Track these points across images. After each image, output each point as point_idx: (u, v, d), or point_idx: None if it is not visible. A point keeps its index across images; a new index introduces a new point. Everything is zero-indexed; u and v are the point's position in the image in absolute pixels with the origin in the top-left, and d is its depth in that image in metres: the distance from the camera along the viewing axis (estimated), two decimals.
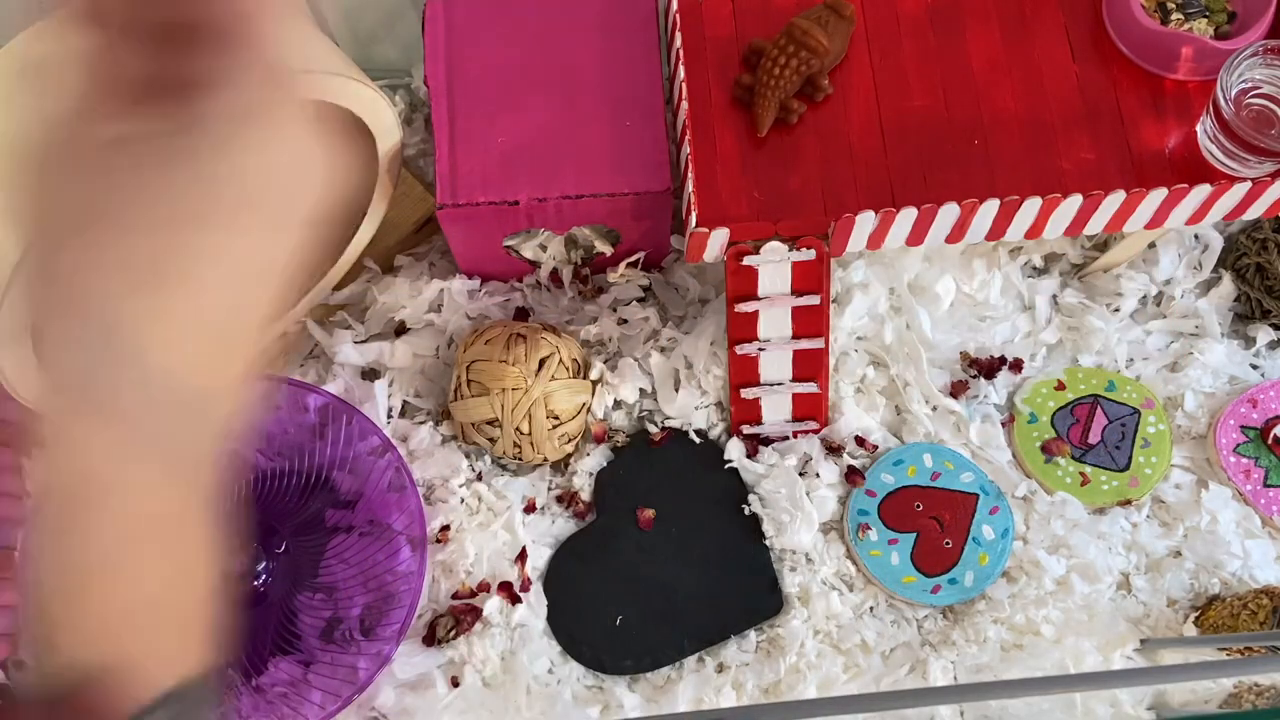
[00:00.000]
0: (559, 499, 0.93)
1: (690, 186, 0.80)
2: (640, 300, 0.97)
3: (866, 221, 0.79)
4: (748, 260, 0.81)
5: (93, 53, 0.31)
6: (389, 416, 0.93)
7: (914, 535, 0.90)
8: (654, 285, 0.97)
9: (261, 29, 0.32)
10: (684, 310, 0.97)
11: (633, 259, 0.94)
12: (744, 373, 0.90)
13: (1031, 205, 0.79)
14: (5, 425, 0.91)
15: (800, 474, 0.91)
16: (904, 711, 0.85)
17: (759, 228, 0.80)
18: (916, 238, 0.82)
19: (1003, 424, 0.94)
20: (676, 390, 0.94)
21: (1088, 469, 0.92)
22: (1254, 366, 0.97)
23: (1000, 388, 0.95)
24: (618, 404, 0.94)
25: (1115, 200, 0.79)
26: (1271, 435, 0.92)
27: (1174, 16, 0.82)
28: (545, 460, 0.92)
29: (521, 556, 0.89)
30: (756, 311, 0.86)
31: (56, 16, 0.32)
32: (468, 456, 0.93)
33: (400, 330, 0.96)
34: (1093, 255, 0.99)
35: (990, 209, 0.79)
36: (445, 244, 0.99)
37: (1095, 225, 0.82)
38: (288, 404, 0.87)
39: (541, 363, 0.89)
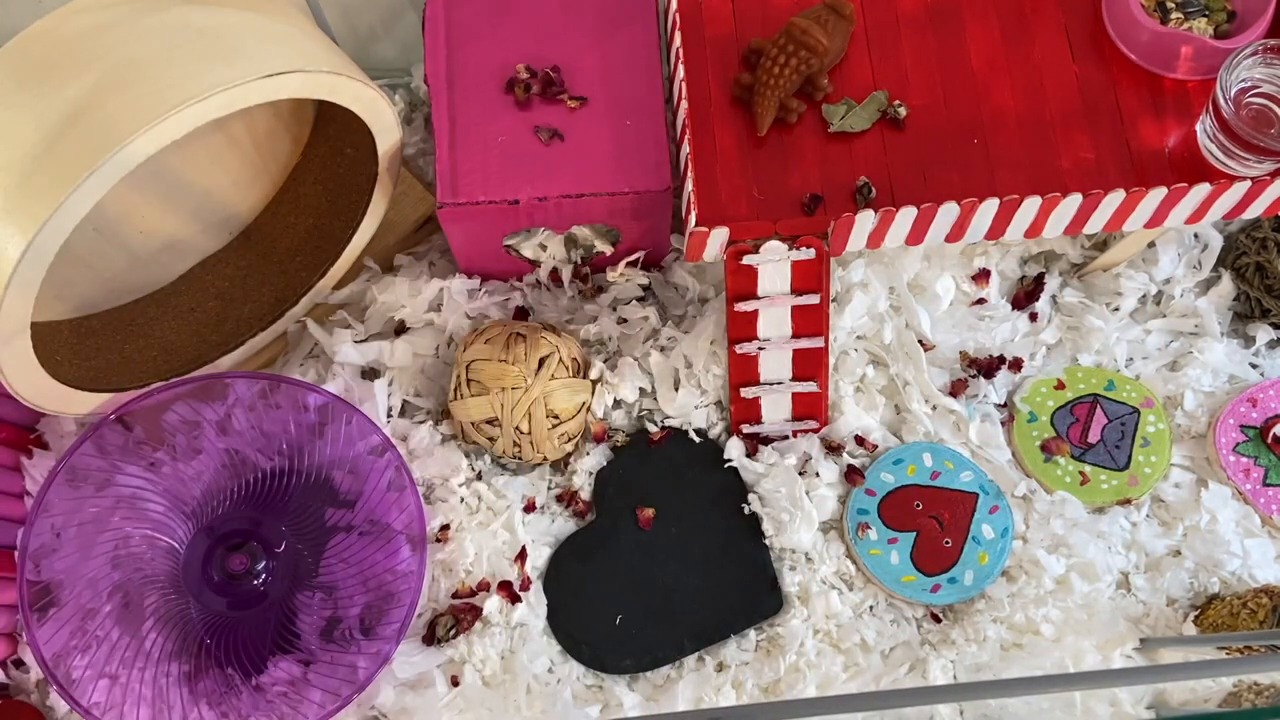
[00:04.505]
0: (559, 498, 0.93)
1: (690, 185, 0.80)
2: (640, 299, 0.97)
3: (866, 221, 0.79)
4: (747, 259, 0.81)
5: None
6: (389, 416, 0.93)
7: (914, 534, 0.90)
8: (654, 284, 0.97)
9: None
10: (683, 309, 0.97)
11: (632, 258, 0.94)
12: (743, 372, 0.90)
13: (1031, 204, 0.79)
14: (5, 425, 0.91)
15: (800, 473, 0.91)
16: (904, 710, 0.85)
17: (758, 227, 0.80)
18: (916, 237, 0.82)
19: (1002, 423, 0.95)
20: (676, 389, 0.94)
21: (1087, 468, 0.92)
22: (1253, 366, 0.97)
23: (1000, 387, 0.95)
24: (617, 403, 0.94)
25: (1115, 199, 0.79)
26: (1271, 434, 0.92)
27: (1174, 16, 0.82)
28: (545, 459, 0.92)
29: (521, 556, 0.89)
30: (756, 311, 0.86)
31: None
32: (467, 456, 0.93)
33: (400, 330, 0.96)
34: (1092, 254, 0.99)
35: (990, 208, 0.79)
36: (445, 243, 1.00)
37: (1095, 224, 0.82)
38: (288, 404, 0.87)
39: (541, 362, 0.89)
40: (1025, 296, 0.98)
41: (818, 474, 0.91)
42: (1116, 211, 0.81)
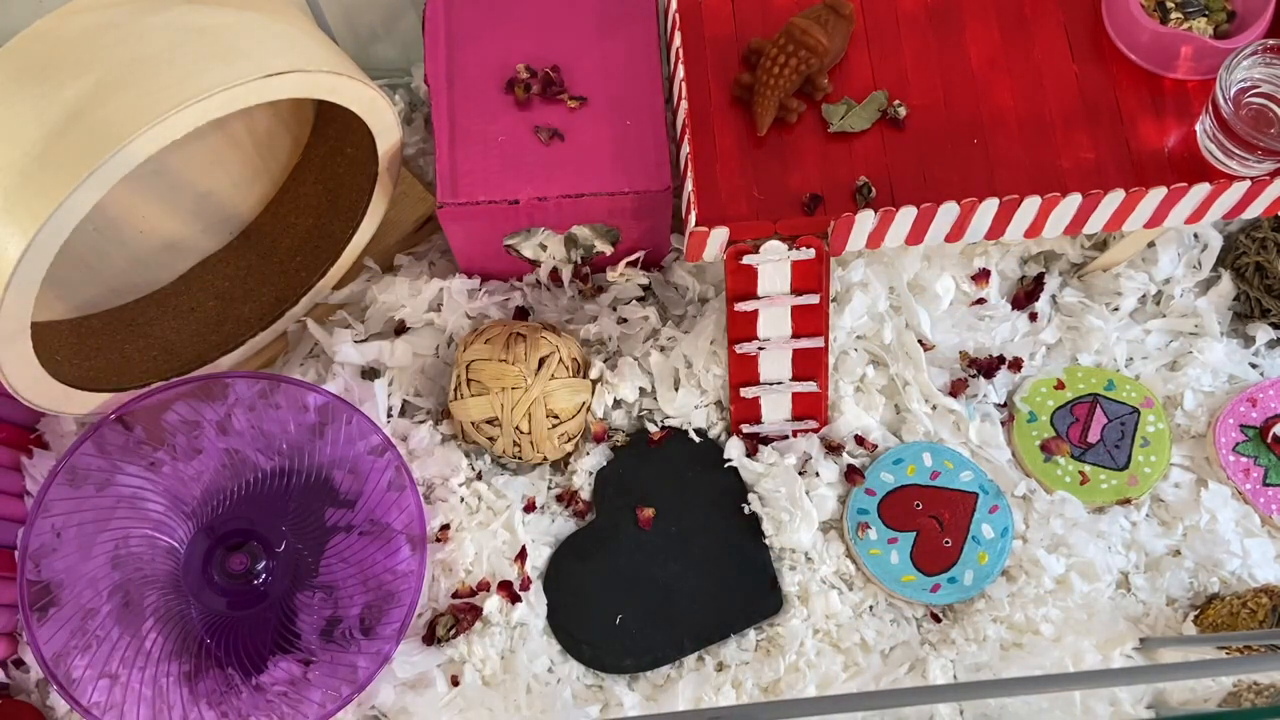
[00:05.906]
0: (559, 498, 0.93)
1: (690, 185, 0.80)
2: (640, 299, 0.97)
3: (866, 221, 0.79)
4: (747, 259, 0.81)
5: None
6: (389, 415, 0.93)
7: (913, 534, 0.90)
8: (654, 284, 0.97)
9: None
10: (683, 309, 0.97)
11: (632, 258, 0.94)
12: (743, 372, 0.90)
13: (1031, 204, 0.79)
14: (5, 425, 0.91)
15: (800, 473, 0.91)
16: (903, 710, 0.85)
17: (758, 227, 0.80)
18: (916, 237, 0.82)
19: (1002, 423, 0.95)
20: (676, 389, 0.94)
21: (1087, 468, 0.92)
22: (1253, 365, 0.97)
23: (999, 387, 0.95)
24: (617, 403, 0.94)
25: (1115, 199, 0.79)
26: (1271, 434, 0.92)
27: (1173, 16, 0.82)
28: (545, 459, 0.92)
29: (521, 555, 0.89)
30: (756, 311, 0.86)
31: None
32: (467, 455, 0.93)
33: (400, 329, 0.96)
34: (1092, 254, 0.99)
35: (990, 208, 0.79)
36: (445, 243, 1.00)
37: (1095, 224, 0.82)
38: (288, 403, 0.87)
39: (541, 362, 0.89)
40: (1025, 296, 0.98)
41: (818, 474, 0.91)
42: (1116, 211, 0.81)
